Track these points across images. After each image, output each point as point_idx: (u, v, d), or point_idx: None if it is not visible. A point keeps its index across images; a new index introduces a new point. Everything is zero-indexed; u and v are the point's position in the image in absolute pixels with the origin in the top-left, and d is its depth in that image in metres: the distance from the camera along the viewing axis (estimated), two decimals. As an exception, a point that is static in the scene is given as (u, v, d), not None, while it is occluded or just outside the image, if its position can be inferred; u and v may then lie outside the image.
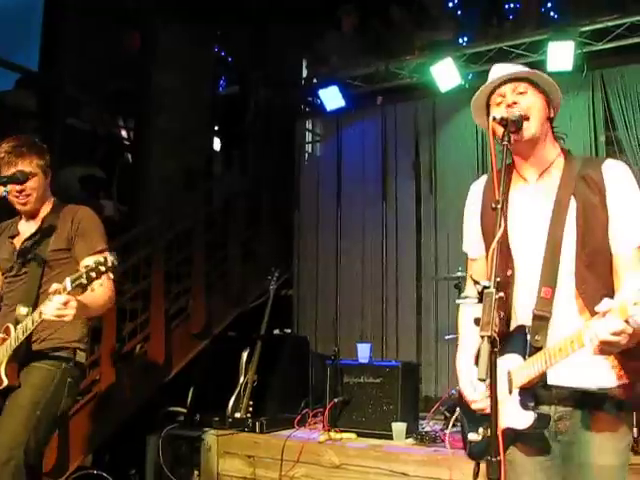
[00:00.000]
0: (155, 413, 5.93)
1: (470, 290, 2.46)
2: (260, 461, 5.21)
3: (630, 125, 6.62)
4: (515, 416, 2.19)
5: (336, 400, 5.43)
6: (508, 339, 2.27)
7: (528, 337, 2.20)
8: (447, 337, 5.82)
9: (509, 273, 2.30)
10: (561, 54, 6.39)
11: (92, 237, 3.40)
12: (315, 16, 8.31)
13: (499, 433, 1.99)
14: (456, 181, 7.25)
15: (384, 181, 7.75)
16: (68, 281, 2.87)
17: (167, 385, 6.11)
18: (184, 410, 5.97)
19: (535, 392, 2.19)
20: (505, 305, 2.28)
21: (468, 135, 7.11)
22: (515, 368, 2.19)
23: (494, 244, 2.00)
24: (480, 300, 1.94)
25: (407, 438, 5.11)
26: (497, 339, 1.87)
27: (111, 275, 3.20)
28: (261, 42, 9.05)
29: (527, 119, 2.29)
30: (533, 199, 2.35)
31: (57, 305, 2.88)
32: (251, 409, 5.58)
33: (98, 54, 7.78)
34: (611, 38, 6.47)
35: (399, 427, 5.14)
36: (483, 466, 2.14)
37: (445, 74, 6.88)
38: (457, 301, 5.58)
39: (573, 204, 2.25)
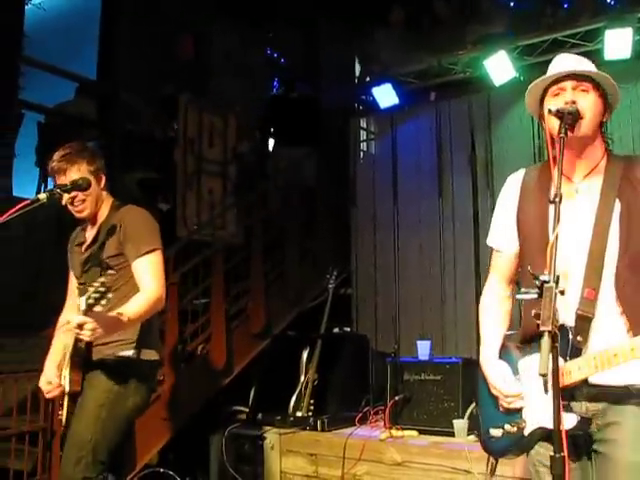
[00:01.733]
0: (218, 413, 6.01)
1: (492, 284, 2.59)
2: (322, 459, 5.25)
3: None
4: (551, 417, 2.12)
5: (397, 398, 5.43)
6: None
7: (570, 337, 2.17)
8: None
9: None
10: (619, 42, 6.23)
11: (139, 239, 3.42)
12: (364, 14, 8.30)
13: (532, 430, 2.10)
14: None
15: (440, 177, 7.69)
16: (83, 300, 2.94)
17: (229, 385, 6.19)
18: (246, 409, 6.05)
19: (572, 392, 2.17)
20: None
21: (524, 128, 7.01)
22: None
23: (552, 238, 1.99)
24: (540, 295, 1.93)
25: (469, 435, 5.07)
26: (558, 334, 1.86)
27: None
28: (312, 42, 9.09)
29: (581, 118, 2.26)
30: (577, 200, 2.32)
31: (74, 325, 2.93)
32: (312, 408, 5.63)
33: (153, 59, 7.91)
34: (670, 23, 6.31)
35: (460, 424, 5.11)
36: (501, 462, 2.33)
37: (499, 68, 6.79)
38: (517, 296, 5.53)
39: (617, 205, 2.22)
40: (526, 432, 2.24)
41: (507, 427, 2.24)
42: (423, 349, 5.68)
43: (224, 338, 6.14)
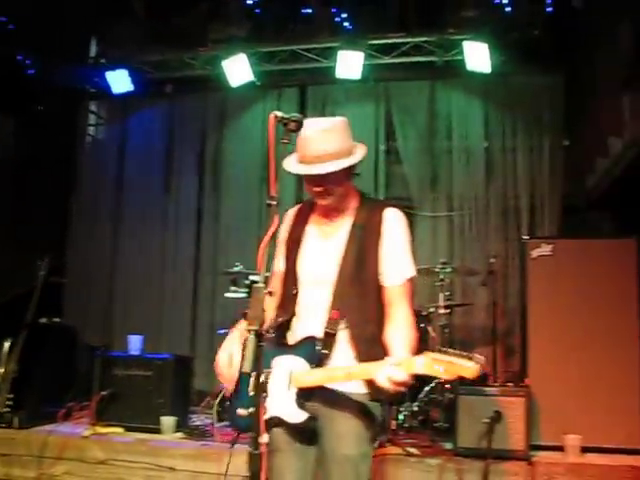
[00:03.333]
0: None
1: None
2: (16, 460, 4.86)
3: (407, 137, 7.06)
4: (289, 410, 2.48)
5: (103, 393, 5.25)
6: (296, 344, 2.58)
7: (317, 348, 2.51)
8: (221, 331, 5.83)
9: (294, 292, 2.64)
10: (350, 63, 6.66)
11: None
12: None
13: (262, 424, 2.28)
14: (240, 177, 7.34)
15: (168, 171, 7.65)
16: None
17: None
18: None
19: (310, 393, 2.49)
20: (287, 315, 2.64)
21: (255, 133, 7.20)
22: (299, 371, 2.49)
23: (266, 239, 2.09)
24: (249, 294, 1.99)
25: (176, 432, 5.06)
26: (264, 333, 1.94)
27: None
28: (46, 12, 8.47)
29: (330, 194, 2.55)
30: (326, 236, 2.67)
31: None
32: (10, 403, 5.23)
33: None
34: (397, 54, 6.87)
35: (168, 421, 5.08)
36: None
37: (237, 70, 6.90)
38: (226, 294, 5.68)
39: (357, 245, 2.59)
40: (265, 417, 2.46)
41: (251, 410, 2.42)
42: (134, 344, 5.56)
43: None
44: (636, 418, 4.51)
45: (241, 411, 2.47)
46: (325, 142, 2.50)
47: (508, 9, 6.97)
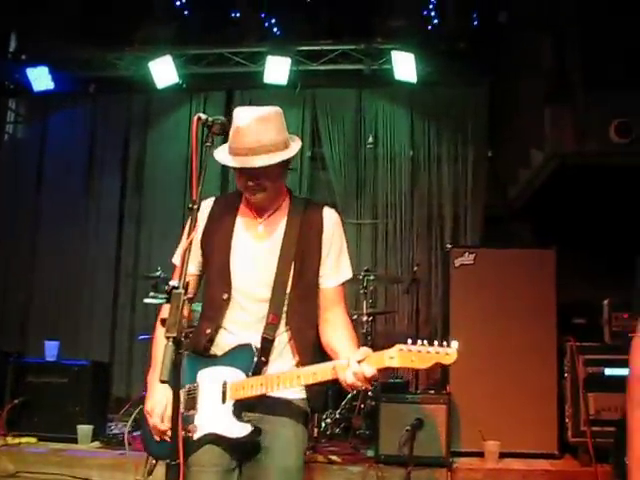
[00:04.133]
0: None
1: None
2: None
3: (334, 144, 7.10)
4: (227, 425, 2.29)
5: (16, 401, 5.05)
6: (228, 353, 2.39)
7: (255, 356, 2.34)
8: (141, 337, 5.72)
9: (225, 297, 2.43)
10: (278, 68, 6.65)
11: None
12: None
13: (201, 436, 2.24)
14: (163, 180, 7.24)
15: (89, 173, 7.48)
16: None
17: None
18: None
19: (251, 404, 2.32)
20: (214, 324, 2.44)
21: (180, 135, 7.11)
22: (235, 382, 2.31)
23: (186, 243, 2.02)
24: (168, 300, 1.91)
25: (93, 441, 4.91)
26: (183, 340, 1.87)
27: None
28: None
29: (264, 189, 2.38)
30: (260, 236, 2.49)
31: None
32: None
33: None
34: (325, 61, 6.90)
35: (85, 430, 4.92)
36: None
37: (162, 71, 6.79)
38: (145, 300, 5.54)
39: (296, 246, 2.45)
40: (195, 437, 2.32)
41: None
42: (51, 350, 5.37)
43: None
44: (552, 424, 4.62)
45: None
46: (261, 133, 2.31)
47: (436, 21, 7.11)
